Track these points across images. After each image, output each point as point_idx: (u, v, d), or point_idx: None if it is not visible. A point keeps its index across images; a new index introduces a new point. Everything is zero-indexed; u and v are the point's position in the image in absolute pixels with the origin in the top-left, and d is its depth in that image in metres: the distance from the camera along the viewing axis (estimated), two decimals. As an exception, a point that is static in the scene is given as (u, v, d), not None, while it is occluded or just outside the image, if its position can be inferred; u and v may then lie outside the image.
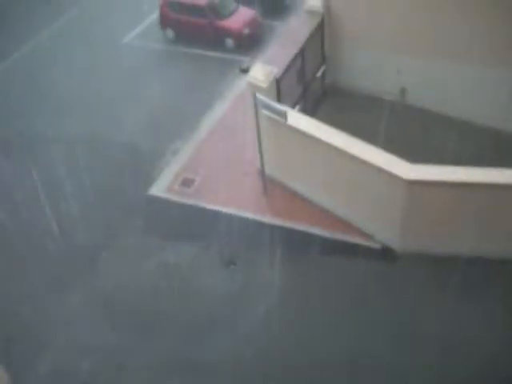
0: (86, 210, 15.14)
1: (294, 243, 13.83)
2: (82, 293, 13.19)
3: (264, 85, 13.95)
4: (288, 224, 14.17)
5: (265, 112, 13.74)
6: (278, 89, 14.47)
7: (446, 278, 12.49)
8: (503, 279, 12.32)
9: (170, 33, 22.66)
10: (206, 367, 11.53)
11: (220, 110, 18.29)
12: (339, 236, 13.76)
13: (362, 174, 12.85)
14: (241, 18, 22.09)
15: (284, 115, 13.27)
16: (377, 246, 13.49)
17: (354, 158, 12.72)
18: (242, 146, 16.14)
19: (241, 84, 18.25)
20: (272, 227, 14.21)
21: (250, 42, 21.80)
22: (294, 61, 15.34)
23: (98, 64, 21.27)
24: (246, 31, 21.72)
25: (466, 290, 12.28)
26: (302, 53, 15.70)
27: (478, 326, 11.60)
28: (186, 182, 15.61)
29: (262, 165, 14.86)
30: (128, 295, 13.07)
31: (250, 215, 14.54)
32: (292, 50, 15.47)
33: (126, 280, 13.42)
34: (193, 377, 11.42)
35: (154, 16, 23.54)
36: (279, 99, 14.48)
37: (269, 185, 15.04)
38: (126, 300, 12.98)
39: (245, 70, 14.44)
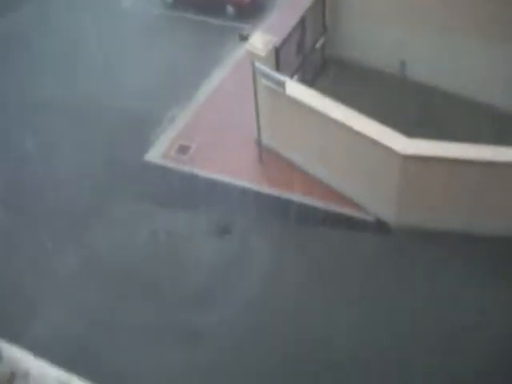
0: (80, 176, 15.09)
1: (289, 213, 13.84)
2: (74, 257, 13.21)
3: (263, 53, 13.83)
4: (283, 194, 14.16)
5: (263, 81, 13.66)
6: (277, 58, 14.35)
7: (439, 253, 12.57)
8: (497, 255, 12.31)
9: (170, -3, 22.54)
10: (203, 332, 11.60)
11: (218, 77, 18.15)
12: (334, 207, 13.77)
13: (358, 147, 12.82)
14: (242, -15, 21.89)
15: (282, 85, 13.19)
16: (371, 219, 13.51)
17: (350, 130, 12.68)
18: (240, 115, 16.03)
19: (240, 52, 18.02)
20: (267, 196, 14.22)
21: (251, 10, 21.42)
22: (294, 30, 15.20)
23: (95, 28, 20.84)
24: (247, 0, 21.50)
25: (459, 265, 12.36)
26: (302, 23, 15.57)
27: (471, 300, 11.67)
28: (182, 149, 15.56)
29: (259, 134, 14.83)
30: (122, 261, 13.10)
31: (245, 184, 14.53)
32: (292, 20, 15.33)
33: (120, 246, 13.43)
34: (188, 341, 11.49)
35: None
36: (278, 68, 14.36)
37: (265, 154, 15.02)
38: (119, 265, 13.01)
39: (244, 38, 14.33)
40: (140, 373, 11.01)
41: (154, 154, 15.58)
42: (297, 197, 14.10)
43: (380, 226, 13.39)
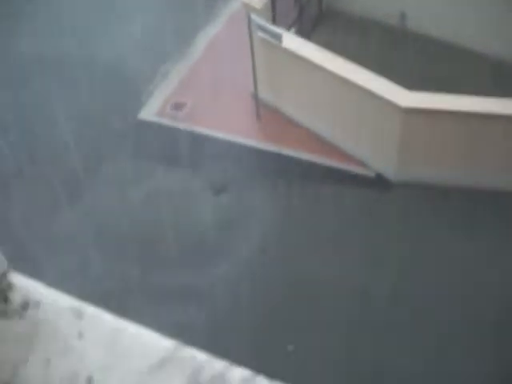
0: (71, 135, 14.63)
1: (287, 169, 13.80)
2: (69, 220, 13.14)
3: (258, 5, 13.59)
4: (282, 150, 14.10)
5: (259, 34, 13.45)
6: (274, 9, 14.10)
7: (440, 208, 12.71)
8: (498, 211, 12.41)
9: None
10: (201, 291, 11.63)
11: (213, 30, 17.73)
12: (333, 163, 13.74)
13: (357, 100, 12.72)
14: None
15: (279, 37, 12.99)
16: (371, 174, 13.53)
17: (350, 84, 12.55)
18: (236, 69, 15.78)
19: (235, 4, 17.56)
20: (264, 153, 14.12)
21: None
22: None
23: None
24: None
25: (460, 221, 12.47)
26: None
27: (472, 257, 11.80)
28: (178, 106, 15.34)
29: (256, 88, 14.65)
30: (116, 222, 12.98)
31: (242, 140, 14.41)
32: None
33: (114, 206, 13.30)
34: (186, 301, 11.50)
35: None
36: (274, 21, 14.14)
37: (262, 109, 14.85)
38: (114, 227, 12.89)
39: None
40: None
41: (148, 112, 15.32)
42: (295, 152, 14.03)
43: (380, 182, 13.40)
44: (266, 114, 14.91)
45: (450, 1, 15.27)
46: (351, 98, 12.88)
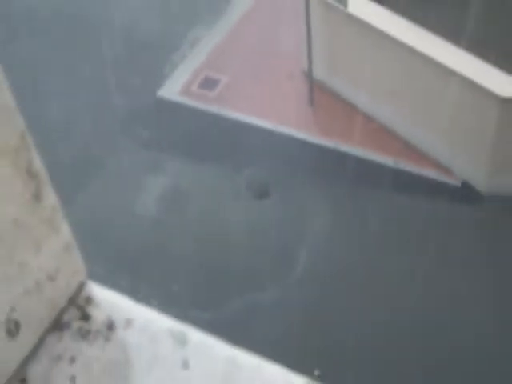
0: (76, 117, 15.08)
1: (347, 171, 13.95)
2: (71, 219, 13.40)
3: None
4: (340, 145, 14.37)
5: None
6: None
7: None
8: None
9: None
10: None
11: None
12: (406, 165, 14.02)
13: (441, 85, 13.00)
14: None
15: (344, 1, 13.33)
16: (456, 182, 13.74)
17: (431, 62, 12.77)
18: (285, 39, 16.10)
19: None
20: (319, 148, 14.39)
21: None
22: None
23: None
24: None
25: None
26: None
27: None
28: (208, 83, 15.68)
29: (310, 65, 14.87)
30: (126, 229, 13.23)
31: (290, 131, 14.69)
32: None
33: (125, 208, 13.55)
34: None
35: None
36: None
37: (317, 92, 15.13)
38: (123, 234, 13.11)
39: None
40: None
41: (171, 89, 15.69)
42: (357, 150, 14.29)
43: (468, 192, 13.60)
44: (321, 98, 15.20)
45: None
46: (432, 81, 13.14)
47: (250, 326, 11.77)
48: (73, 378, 1.97)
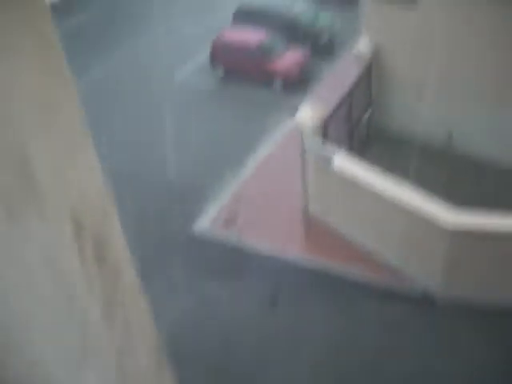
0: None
1: (336, 287, 16.39)
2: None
3: (311, 126, 16.83)
4: (328, 267, 17.01)
5: (311, 154, 16.69)
6: (325, 131, 17.33)
7: (491, 332, 14.59)
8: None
9: (220, 71, 27.83)
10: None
11: (266, 150, 21.90)
12: (383, 281, 16.47)
13: (405, 219, 15.08)
14: (290, 60, 26.95)
15: (329, 161, 16.06)
16: (417, 292, 16.00)
17: (396, 203, 15.03)
18: (287, 188, 19.10)
19: (288, 124, 21.80)
20: (314, 270, 16.96)
21: (299, 84, 26.44)
22: (341, 103, 18.43)
23: (149, 102, 25.52)
24: (295, 73, 26.40)
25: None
26: (349, 96, 18.85)
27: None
28: (228, 221, 18.73)
29: (306, 206, 17.75)
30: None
31: (292, 257, 17.54)
32: (339, 93, 18.70)
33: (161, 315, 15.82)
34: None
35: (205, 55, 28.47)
36: (326, 141, 17.25)
37: (313, 227, 17.91)
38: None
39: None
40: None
41: (201, 225, 18.75)
42: (342, 269, 16.80)
43: (426, 301, 15.64)
44: (315, 230, 18.00)
45: (495, 121, 18.47)
46: (399, 217, 15.23)
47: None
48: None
